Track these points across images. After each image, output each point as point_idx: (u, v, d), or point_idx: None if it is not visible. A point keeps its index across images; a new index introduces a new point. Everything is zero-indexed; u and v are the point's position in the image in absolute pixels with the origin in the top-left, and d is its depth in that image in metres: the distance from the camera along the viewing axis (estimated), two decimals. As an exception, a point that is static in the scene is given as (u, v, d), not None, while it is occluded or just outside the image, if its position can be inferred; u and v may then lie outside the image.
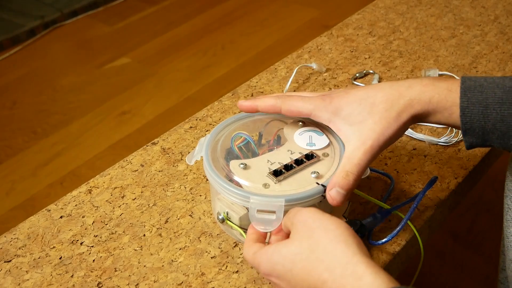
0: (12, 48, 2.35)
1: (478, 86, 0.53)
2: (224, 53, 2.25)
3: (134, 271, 0.58)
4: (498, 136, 0.52)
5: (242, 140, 0.62)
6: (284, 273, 0.46)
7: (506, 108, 0.51)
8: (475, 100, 0.53)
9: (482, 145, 0.54)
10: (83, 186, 0.69)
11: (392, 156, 0.72)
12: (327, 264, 0.44)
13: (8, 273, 0.58)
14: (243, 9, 2.59)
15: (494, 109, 0.52)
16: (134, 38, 2.41)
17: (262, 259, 0.48)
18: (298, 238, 0.47)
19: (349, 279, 0.42)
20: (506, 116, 0.51)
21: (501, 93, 0.52)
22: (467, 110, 0.53)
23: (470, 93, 0.53)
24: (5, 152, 1.80)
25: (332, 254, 0.44)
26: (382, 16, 1.06)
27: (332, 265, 0.43)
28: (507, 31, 0.99)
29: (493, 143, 0.53)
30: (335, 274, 0.43)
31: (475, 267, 1.36)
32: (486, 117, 0.52)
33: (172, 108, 1.95)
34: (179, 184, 0.69)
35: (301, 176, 0.56)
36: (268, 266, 0.48)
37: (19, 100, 2.05)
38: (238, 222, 0.57)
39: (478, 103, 0.52)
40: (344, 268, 0.43)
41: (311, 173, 0.56)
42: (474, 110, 0.52)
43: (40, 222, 0.64)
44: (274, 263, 0.47)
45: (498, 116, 0.52)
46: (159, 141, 0.76)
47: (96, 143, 1.81)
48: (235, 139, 0.62)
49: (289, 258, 0.46)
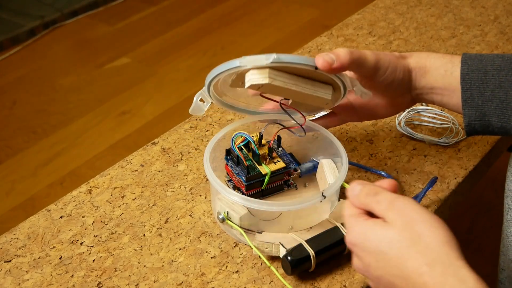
0: (12, 48, 2.35)
1: (478, 56, 0.56)
2: (224, 53, 2.25)
3: (134, 271, 0.58)
4: (497, 106, 0.54)
5: (242, 140, 0.62)
6: (375, 251, 0.45)
7: (504, 74, 0.54)
8: (475, 67, 0.56)
9: (481, 126, 0.56)
10: (83, 186, 0.69)
11: (392, 156, 0.72)
12: (428, 259, 0.42)
13: (8, 273, 0.58)
14: (243, 9, 2.58)
15: (493, 76, 0.54)
16: (134, 38, 2.41)
17: (357, 227, 0.46)
18: (399, 226, 0.44)
19: (450, 279, 0.41)
20: (504, 82, 0.54)
21: (500, 61, 0.55)
22: (467, 77, 0.55)
23: (470, 61, 0.56)
24: (5, 152, 1.80)
25: (436, 252, 0.42)
26: (382, 16, 1.06)
27: (434, 262, 0.42)
28: (507, 31, 0.99)
29: (491, 117, 0.54)
30: (436, 271, 0.42)
31: (475, 267, 1.35)
32: (485, 83, 0.55)
33: (172, 108, 1.95)
34: (179, 184, 0.69)
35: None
36: (359, 237, 0.46)
37: (19, 100, 2.05)
38: (238, 222, 0.57)
39: (478, 70, 0.55)
40: (447, 267, 0.41)
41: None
42: (473, 76, 0.55)
43: (40, 222, 0.64)
44: (367, 238, 0.45)
45: (497, 82, 0.54)
46: (159, 141, 0.76)
47: (96, 143, 1.81)
48: (235, 139, 0.62)
49: (386, 241, 0.44)
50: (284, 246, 0.56)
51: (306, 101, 0.58)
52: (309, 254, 0.55)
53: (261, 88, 0.55)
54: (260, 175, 0.61)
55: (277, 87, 0.54)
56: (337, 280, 0.56)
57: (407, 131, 0.75)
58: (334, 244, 0.57)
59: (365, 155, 0.72)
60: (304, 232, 0.59)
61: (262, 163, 0.62)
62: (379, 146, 0.74)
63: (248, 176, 0.61)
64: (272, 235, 0.58)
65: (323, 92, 0.57)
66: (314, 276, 0.56)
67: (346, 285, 0.56)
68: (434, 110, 0.78)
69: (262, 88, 0.55)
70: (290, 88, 0.55)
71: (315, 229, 0.59)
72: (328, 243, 0.57)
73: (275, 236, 0.58)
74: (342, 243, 0.56)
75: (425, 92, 0.61)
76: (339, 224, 0.58)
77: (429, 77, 0.59)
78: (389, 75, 0.58)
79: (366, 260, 0.45)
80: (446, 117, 0.77)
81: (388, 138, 0.75)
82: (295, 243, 0.56)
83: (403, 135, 0.75)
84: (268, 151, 0.63)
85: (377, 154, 0.72)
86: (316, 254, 0.55)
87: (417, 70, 0.60)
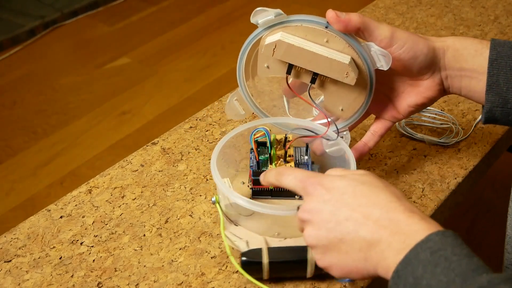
0: (12, 48, 2.35)
1: (508, 43, 0.55)
2: (224, 53, 2.25)
3: (134, 271, 0.58)
4: None
5: (262, 134, 0.62)
6: (336, 188, 0.48)
7: None
8: (504, 53, 0.55)
9: (502, 114, 0.56)
10: (83, 186, 0.69)
11: (392, 156, 0.72)
12: (375, 201, 0.46)
13: (8, 273, 0.58)
14: (243, 9, 2.58)
15: None
16: (134, 38, 2.41)
17: (314, 174, 0.51)
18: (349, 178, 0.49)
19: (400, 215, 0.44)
20: None
21: None
22: (495, 63, 0.54)
23: (499, 47, 0.55)
24: (5, 152, 1.80)
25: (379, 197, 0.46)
26: (382, 16, 1.06)
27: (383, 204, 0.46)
28: (507, 31, 0.99)
29: None
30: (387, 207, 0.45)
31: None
32: None
33: (172, 108, 1.95)
34: (179, 184, 0.69)
35: None
36: (320, 177, 0.50)
37: (19, 100, 2.05)
38: (224, 209, 0.58)
39: (507, 57, 0.54)
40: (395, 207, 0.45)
41: None
42: (502, 63, 0.54)
43: (40, 222, 0.64)
44: (326, 179, 0.49)
45: None
46: (159, 141, 0.76)
47: (96, 143, 1.81)
48: (257, 132, 0.62)
49: (342, 187, 0.48)
50: (248, 245, 0.56)
51: (325, 71, 0.57)
52: (261, 261, 0.53)
53: (276, 53, 0.56)
54: None
55: (291, 48, 0.55)
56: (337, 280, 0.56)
57: (407, 131, 0.75)
58: (294, 261, 0.53)
59: (365, 155, 0.72)
60: (278, 241, 0.57)
61: (273, 163, 0.62)
62: (379, 146, 0.74)
63: (255, 171, 0.61)
64: (246, 231, 0.58)
65: (340, 56, 0.56)
66: (314, 276, 0.56)
67: (346, 285, 0.56)
68: (434, 110, 0.78)
69: (276, 52, 0.56)
70: (304, 48, 0.55)
71: (292, 242, 0.56)
72: (288, 258, 0.54)
73: (248, 233, 0.57)
74: (303, 264, 0.53)
75: (454, 74, 0.59)
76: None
77: (459, 56, 0.57)
78: (409, 49, 0.56)
79: (324, 212, 0.47)
80: (446, 117, 0.77)
81: (388, 138, 0.75)
82: (260, 246, 0.55)
83: (403, 135, 0.75)
84: (284, 154, 0.63)
85: (377, 154, 0.72)
86: (270, 264, 0.53)
87: (445, 49, 0.58)
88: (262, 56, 0.58)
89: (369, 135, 0.64)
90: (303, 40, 0.56)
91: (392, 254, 0.42)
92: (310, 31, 0.56)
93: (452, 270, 0.39)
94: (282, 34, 0.56)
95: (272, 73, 0.59)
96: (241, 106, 0.65)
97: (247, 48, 0.60)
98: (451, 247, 0.41)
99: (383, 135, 0.64)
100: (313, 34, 0.56)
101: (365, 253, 0.45)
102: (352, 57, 0.56)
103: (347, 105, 0.61)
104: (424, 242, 0.41)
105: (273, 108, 0.66)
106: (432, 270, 0.39)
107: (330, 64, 0.56)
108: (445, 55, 0.58)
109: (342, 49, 0.56)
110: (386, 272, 0.43)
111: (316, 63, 0.57)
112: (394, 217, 0.44)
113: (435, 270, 0.39)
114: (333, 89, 0.60)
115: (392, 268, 0.42)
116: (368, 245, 0.44)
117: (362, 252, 0.45)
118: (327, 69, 0.57)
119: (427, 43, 0.57)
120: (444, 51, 0.58)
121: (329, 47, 0.57)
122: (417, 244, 0.41)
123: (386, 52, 0.56)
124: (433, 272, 0.39)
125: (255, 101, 0.65)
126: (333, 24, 0.55)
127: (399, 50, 0.56)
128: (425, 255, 0.40)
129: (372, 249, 0.44)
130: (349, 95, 0.60)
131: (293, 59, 0.57)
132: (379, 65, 0.57)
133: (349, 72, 0.56)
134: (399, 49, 0.56)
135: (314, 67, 0.57)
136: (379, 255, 0.43)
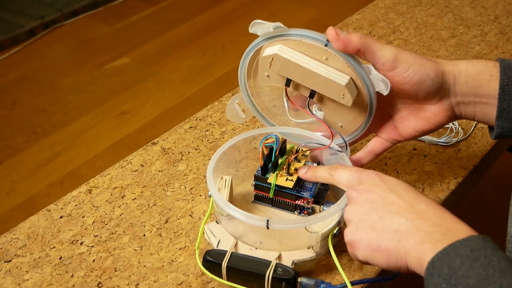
0: (12, 48, 2.35)
1: None
2: (224, 53, 2.25)
3: (134, 271, 0.58)
4: None
5: (272, 141, 0.60)
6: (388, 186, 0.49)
7: None
8: None
9: (510, 134, 0.54)
10: (83, 186, 0.69)
11: (392, 156, 0.72)
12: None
13: (8, 273, 0.58)
14: (243, 9, 2.59)
15: None
16: (134, 38, 2.41)
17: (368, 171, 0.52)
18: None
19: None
20: None
21: None
22: (506, 88, 0.52)
23: (510, 71, 0.53)
24: (5, 152, 1.80)
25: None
26: (382, 16, 1.06)
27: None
28: (507, 31, 0.99)
29: None
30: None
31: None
32: None
33: (172, 108, 1.95)
34: (179, 184, 0.69)
35: None
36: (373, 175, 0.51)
37: (19, 100, 2.05)
38: (214, 204, 0.58)
39: None
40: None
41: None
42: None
43: (40, 222, 0.64)
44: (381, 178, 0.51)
45: None
46: (159, 141, 0.76)
47: (96, 143, 1.81)
48: (268, 138, 0.60)
49: (396, 182, 0.50)
50: (219, 244, 0.56)
51: (321, 89, 0.56)
52: (221, 263, 0.53)
53: (273, 66, 0.56)
54: (265, 181, 0.60)
55: (288, 63, 0.55)
56: (337, 280, 0.56)
57: (407, 131, 0.75)
58: (251, 273, 0.53)
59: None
60: (248, 249, 0.56)
61: (276, 172, 0.60)
62: (379, 146, 0.73)
63: (257, 176, 0.61)
64: (223, 231, 0.58)
65: (338, 77, 0.54)
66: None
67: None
68: (434, 110, 0.78)
69: (273, 66, 0.56)
70: (301, 65, 0.54)
71: (262, 254, 0.55)
72: (246, 268, 0.53)
73: (224, 233, 0.58)
74: (260, 278, 0.52)
75: (467, 100, 0.55)
76: (277, 262, 0.54)
77: (473, 82, 0.54)
78: (414, 72, 0.53)
79: (374, 193, 0.49)
80: (446, 117, 0.77)
81: (388, 138, 0.75)
82: (227, 249, 0.55)
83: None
84: (287, 165, 0.61)
85: (377, 154, 0.72)
86: (228, 268, 0.53)
87: (457, 74, 0.54)
88: (261, 66, 0.57)
89: (365, 151, 0.62)
90: (301, 55, 0.55)
91: (430, 241, 0.43)
92: (310, 47, 0.54)
93: (492, 267, 0.39)
94: (281, 47, 0.55)
95: (272, 82, 0.59)
96: (242, 109, 0.65)
97: (247, 56, 0.59)
98: (491, 250, 0.41)
99: (380, 155, 0.62)
100: (313, 51, 0.55)
101: (401, 234, 0.45)
102: (352, 77, 0.54)
103: (346, 123, 0.60)
104: (465, 240, 0.42)
105: (273, 108, 0.66)
106: (471, 263, 0.40)
107: (327, 83, 0.54)
108: (456, 81, 0.54)
109: (342, 68, 0.54)
110: (418, 258, 0.43)
111: (313, 80, 0.55)
112: (440, 213, 0.46)
113: (474, 264, 0.40)
114: (332, 106, 0.58)
115: (427, 257, 0.42)
116: (406, 229, 0.45)
117: (398, 233, 0.45)
118: (324, 88, 0.55)
119: (435, 67, 0.54)
120: (455, 77, 0.54)
121: (328, 65, 0.55)
122: (457, 241, 0.42)
123: (384, 78, 0.54)
124: (471, 265, 0.40)
125: (257, 106, 0.65)
126: (333, 43, 0.53)
127: (404, 73, 0.53)
128: (465, 251, 0.41)
129: (410, 232, 0.45)
130: (348, 114, 0.58)
131: (290, 74, 0.56)
132: (378, 89, 0.55)
133: (345, 93, 0.54)
134: (404, 72, 0.53)
135: (311, 84, 0.56)
136: (416, 240, 0.44)
